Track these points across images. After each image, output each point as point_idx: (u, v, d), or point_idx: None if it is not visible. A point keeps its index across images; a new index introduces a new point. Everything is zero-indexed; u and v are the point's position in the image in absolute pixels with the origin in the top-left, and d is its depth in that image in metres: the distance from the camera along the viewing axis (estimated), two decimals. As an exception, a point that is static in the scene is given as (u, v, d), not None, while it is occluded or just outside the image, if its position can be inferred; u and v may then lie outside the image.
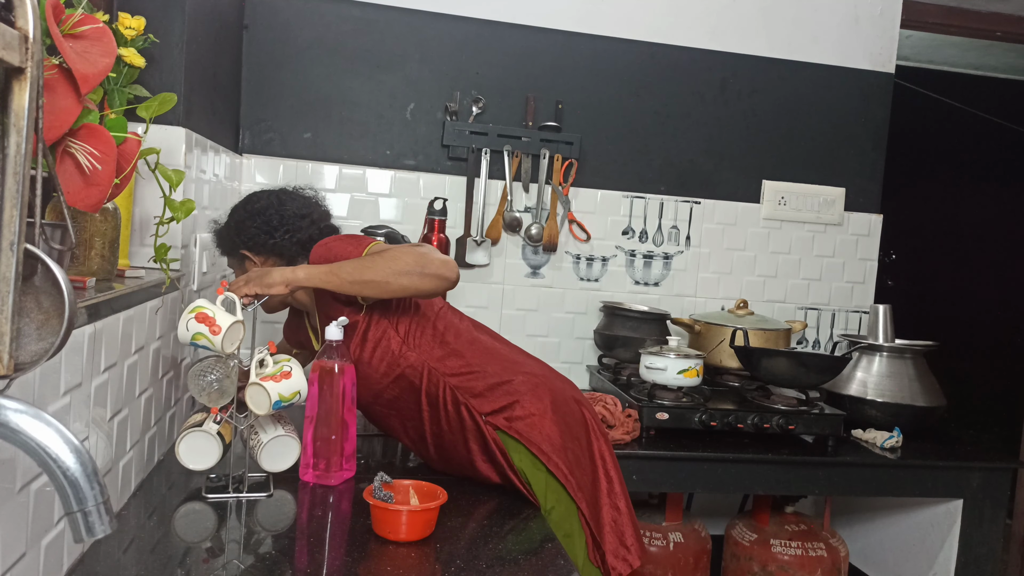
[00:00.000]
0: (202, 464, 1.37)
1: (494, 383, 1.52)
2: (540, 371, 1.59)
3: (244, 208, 1.63)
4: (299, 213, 1.61)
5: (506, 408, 1.50)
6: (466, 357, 1.54)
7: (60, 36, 0.91)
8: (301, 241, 1.60)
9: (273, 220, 1.59)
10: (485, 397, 1.51)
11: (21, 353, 0.69)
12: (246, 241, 1.60)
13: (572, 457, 1.50)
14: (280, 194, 1.64)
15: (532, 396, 1.51)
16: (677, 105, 2.63)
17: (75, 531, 0.65)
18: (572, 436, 1.53)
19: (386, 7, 2.42)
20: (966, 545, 2.16)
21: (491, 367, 1.54)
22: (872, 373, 2.35)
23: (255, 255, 1.61)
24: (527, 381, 1.53)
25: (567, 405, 1.56)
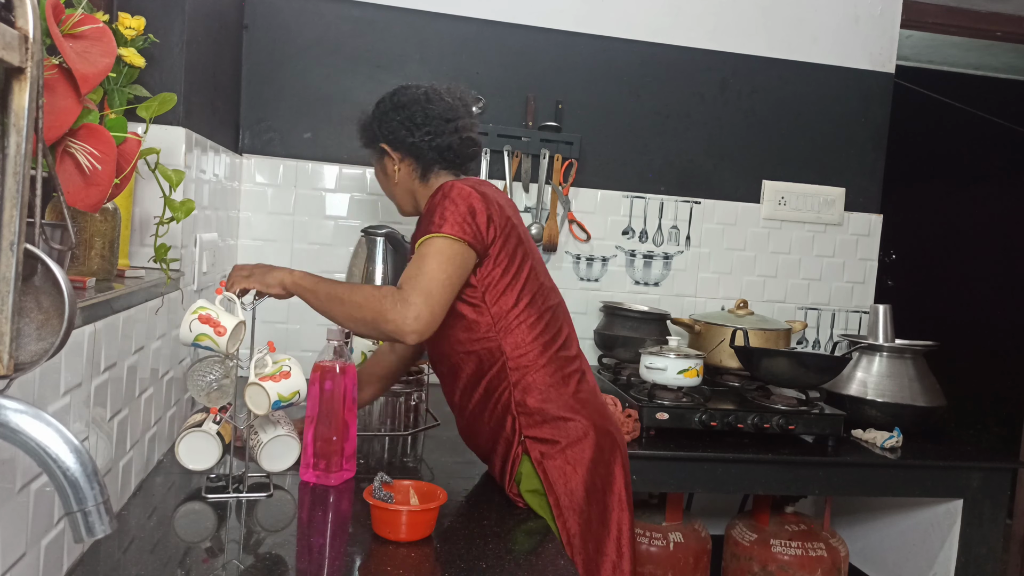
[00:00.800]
0: (202, 464, 1.37)
1: (554, 415, 1.44)
2: (598, 420, 1.48)
3: (390, 100, 1.57)
4: (444, 116, 1.53)
5: (548, 443, 1.43)
6: (548, 372, 1.45)
7: (60, 36, 0.91)
8: (440, 147, 1.53)
9: (417, 117, 1.53)
10: (537, 421, 1.44)
11: (21, 353, 0.69)
12: (387, 134, 1.56)
13: (584, 521, 1.41)
14: (429, 92, 1.56)
15: (577, 447, 1.43)
16: (677, 105, 2.63)
17: (75, 531, 0.65)
18: (596, 500, 1.44)
19: (386, 7, 2.42)
20: (966, 545, 2.16)
21: (562, 394, 1.46)
22: (872, 373, 2.35)
23: (394, 150, 1.56)
24: (580, 428, 1.44)
25: (607, 467, 1.46)
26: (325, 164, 2.41)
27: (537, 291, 1.48)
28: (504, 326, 1.44)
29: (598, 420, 1.47)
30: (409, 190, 1.60)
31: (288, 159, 2.39)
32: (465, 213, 1.38)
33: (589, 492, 1.42)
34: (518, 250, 1.46)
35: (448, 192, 1.41)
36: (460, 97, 1.59)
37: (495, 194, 1.48)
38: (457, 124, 1.54)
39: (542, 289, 1.50)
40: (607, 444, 1.47)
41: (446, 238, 1.36)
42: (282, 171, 2.39)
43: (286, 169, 2.39)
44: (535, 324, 1.46)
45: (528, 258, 1.48)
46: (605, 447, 1.46)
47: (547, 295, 1.51)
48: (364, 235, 2.05)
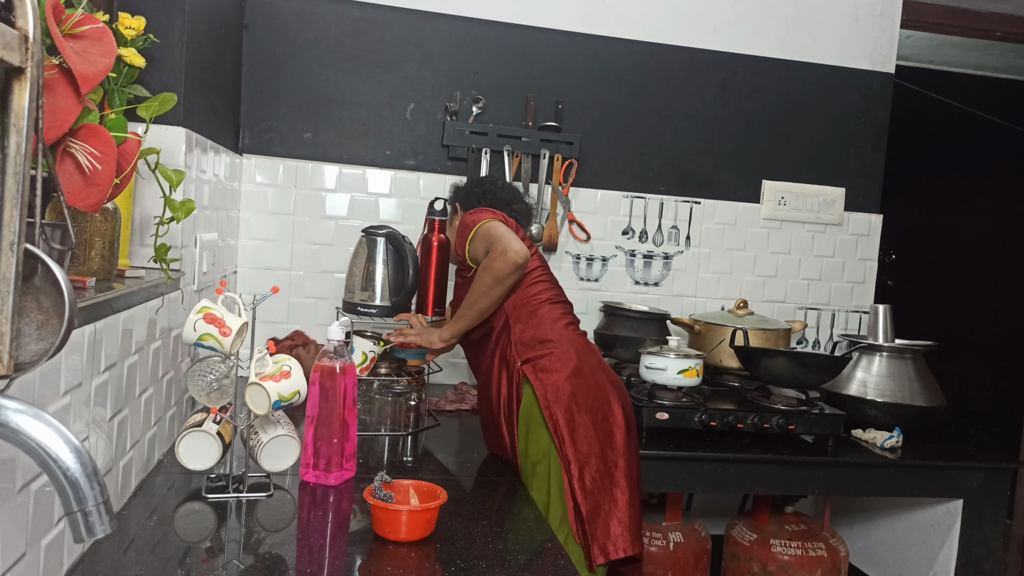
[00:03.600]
0: (202, 464, 1.37)
1: (543, 338, 1.75)
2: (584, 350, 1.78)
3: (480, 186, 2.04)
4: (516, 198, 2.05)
5: (537, 357, 1.73)
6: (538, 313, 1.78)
7: (60, 36, 0.91)
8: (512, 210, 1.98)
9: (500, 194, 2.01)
10: (529, 346, 1.74)
11: (21, 353, 0.69)
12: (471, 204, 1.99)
13: (568, 413, 1.67)
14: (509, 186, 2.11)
15: (562, 358, 1.72)
16: (677, 105, 2.63)
17: (75, 531, 0.65)
18: (587, 407, 1.69)
19: (386, 7, 2.42)
20: (966, 545, 2.16)
21: (550, 325, 1.77)
22: (872, 373, 2.35)
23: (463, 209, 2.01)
24: (566, 349, 1.74)
25: (593, 378, 1.74)
26: (325, 164, 2.41)
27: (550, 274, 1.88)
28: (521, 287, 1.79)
29: (584, 349, 1.78)
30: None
31: (288, 159, 2.39)
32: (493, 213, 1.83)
33: (575, 395, 1.69)
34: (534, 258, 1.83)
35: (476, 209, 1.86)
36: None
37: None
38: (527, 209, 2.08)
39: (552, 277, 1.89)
40: (593, 362, 1.77)
41: (488, 222, 1.78)
42: (282, 171, 2.39)
43: (286, 169, 2.39)
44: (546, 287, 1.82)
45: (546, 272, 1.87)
46: (591, 363, 1.76)
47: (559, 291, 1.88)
48: (364, 235, 2.05)
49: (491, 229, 1.77)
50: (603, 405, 1.72)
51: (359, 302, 2.00)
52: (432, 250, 2.02)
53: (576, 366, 1.73)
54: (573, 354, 1.74)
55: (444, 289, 2.04)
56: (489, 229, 1.77)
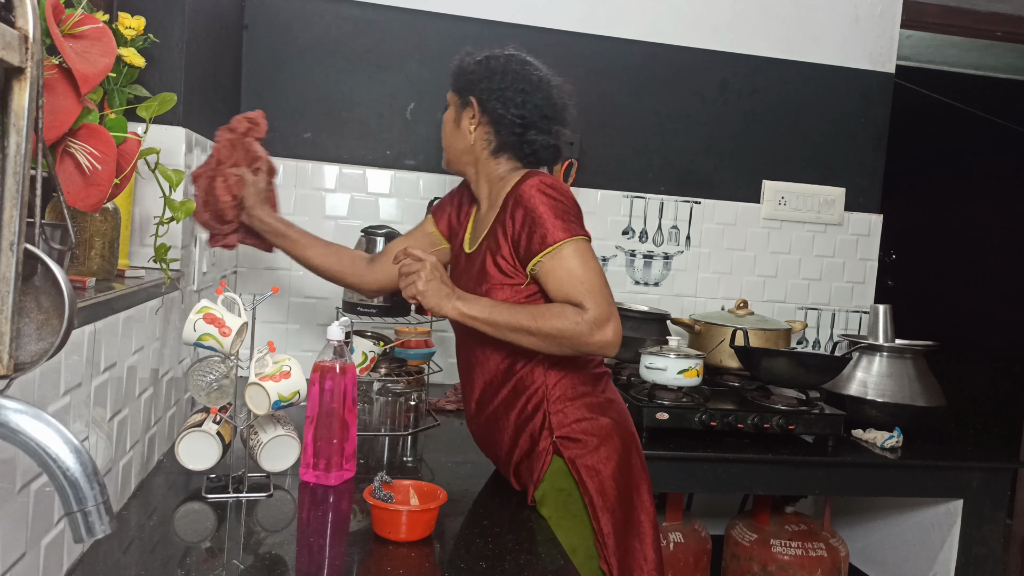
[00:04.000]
0: (202, 464, 1.37)
1: (585, 415, 1.44)
2: (623, 419, 1.50)
3: (506, 62, 1.48)
4: (543, 112, 1.48)
5: (580, 443, 1.43)
6: (577, 370, 1.46)
7: (60, 36, 0.91)
8: (525, 139, 1.48)
9: (518, 97, 1.46)
10: (569, 419, 1.43)
11: (21, 353, 0.69)
12: (482, 93, 1.47)
13: (616, 520, 1.43)
14: (543, 80, 1.50)
15: (607, 445, 1.44)
16: (677, 105, 2.63)
17: (75, 531, 0.65)
18: (624, 499, 1.45)
19: (386, 7, 2.42)
20: (966, 545, 2.16)
21: (592, 392, 1.46)
22: (872, 373, 2.35)
23: (482, 113, 1.48)
24: (608, 427, 1.45)
25: (629, 466, 1.47)
26: (325, 164, 2.41)
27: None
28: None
29: (621, 419, 1.49)
30: (472, 153, 1.52)
31: (288, 159, 2.39)
32: (577, 209, 1.43)
33: (620, 490, 1.44)
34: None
35: (553, 188, 1.40)
36: (565, 101, 1.54)
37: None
38: (551, 126, 1.51)
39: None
40: (630, 442, 1.49)
41: (578, 240, 1.38)
42: (282, 171, 2.39)
43: (286, 169, 2.39)
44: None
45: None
46: (629, 445, 1.48)
47: None
48: (364, 235, 2.05)
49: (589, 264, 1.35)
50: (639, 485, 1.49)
51: (358, 302, 2.00)
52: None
53: (619, 458, 1.44)
54: (615, 443, 1.44)
55: None
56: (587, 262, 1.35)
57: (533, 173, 1.43)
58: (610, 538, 1.41)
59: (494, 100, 1.46)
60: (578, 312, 1.33)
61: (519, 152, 1.50)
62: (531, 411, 1.45)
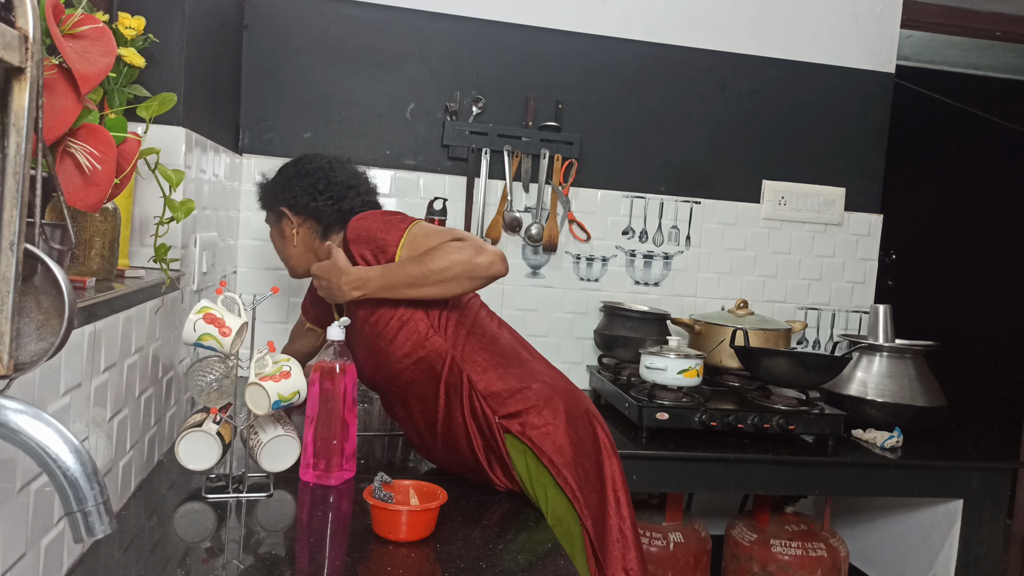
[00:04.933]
0: (202, 464, 1.37)
1: (514, 387, 1.49)
2: (558, 382, 1.55)
3: (294, 167, 1.67)
4: (346, 183, 1.65)
5: (521, 414, 1.47)
6: (489, 353, 1.51)
7: (60, 36, 0.91)
8: (343, 210, 1.63)
9: (320, 184, 1.63)
10: (502, 398, 1.48)
11: (21, 353, 0.69)
12: (288, 199, 1.65)
13: (582, 473, 1.46)
14: (332, 161, 1.68)
15: (548, 406, 1.48)
16: (677, 105, 2.63)
17: (75, 531, 0.65)
18: (584, 452, 1.49)
19: (386, 7, 2.42)
20: (966, 545, 2.16)
21: (512, 369, 1.52)
22: (872, 373, 2.35)
23: (294, 215, 1.66)
24: (543, 390, 1.50)
25: (581, 419, 1.52)
26: (325, 164, 2.41)
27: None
28: (440, 323, 1.50)
29: (553, 380, 1.54)
30: (309, 249, 1.69)
31: (288, 159, 2.38)
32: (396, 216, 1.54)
33: (575, 446, 1.47)
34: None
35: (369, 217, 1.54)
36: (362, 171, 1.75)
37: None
38: (359, 189, 1.68)
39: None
40: (572, 398, 1.53)
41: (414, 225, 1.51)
42: (282, 171, 2.39)
43: (286, 169, 2.39)
44: (462, 315, 1.53)
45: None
46: (571, 401, 1.52)
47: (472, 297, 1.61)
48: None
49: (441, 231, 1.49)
50: (594, 448, 1.52)
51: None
52: None
53: (567, 412, 1.49)
54: (557, 397, 1.50)
55: None
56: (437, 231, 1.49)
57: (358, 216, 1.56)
58: (580, 492, 1.44)
59: (302, 199, 1.64)
60: (458, 246, 1.43)
61: (345, 218, 1.62)
62: (469, 407, 1.48)
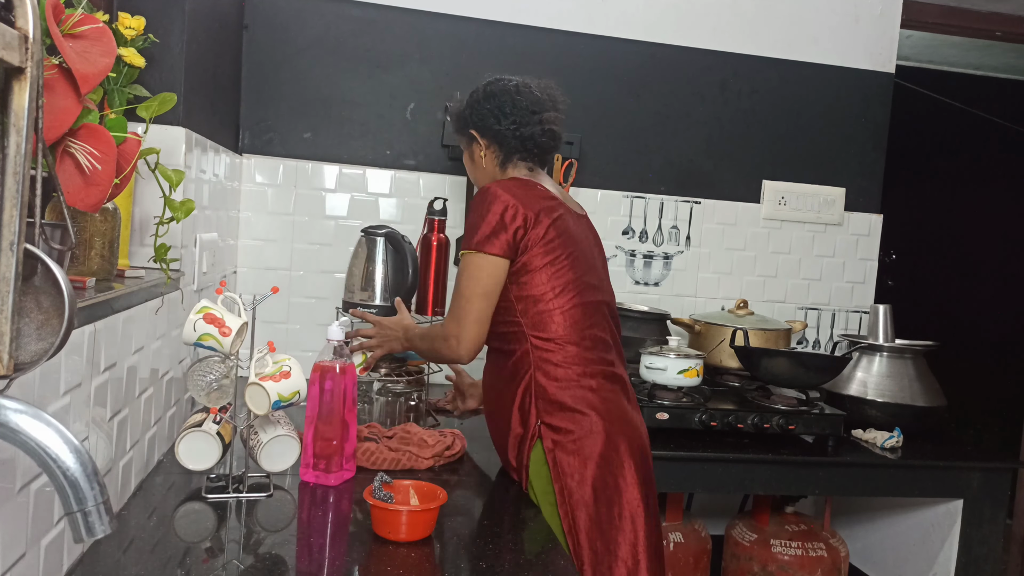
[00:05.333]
0: (202, 464, 1.37)
1: (568, 406, 1.49)
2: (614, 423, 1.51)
3: (483, 89, 1.68)
4: (530, 108, 1.63)
5: (562, 431, 1.48)
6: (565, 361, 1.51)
7: (60, 36, 0.91)
8: (522, 136, 1.62)
9: (505, 107, 1.63)
10: (552, 407, 1.49)
11: (21, 353, 0.69)
12: (476, 121, 1.66)
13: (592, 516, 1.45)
14: (520, 84, 1.67)
15: (589, 440, 1.47)
16: (677, 105, 2.63)
17: (75, 531, 0.65)
18: (606, 498, 1.47)
19: (386, 7, 2.42)
20: (966, 545, 2.16)
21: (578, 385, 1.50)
22: (872, 373, 2.35)
23: (481, 137, 1.67)
24: (592, 424, 1.48)
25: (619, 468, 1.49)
26: (325, 164, 2.41)
27: (570, 283, 1.53)
28: (534, 312, 1.52)
29: (614, 422, 1.50)
30: (491, 176, 1.68)
31: (288, 159, 2.39)
32: (497, 224, 1.49)
33: (598, 489, 1.45)
34: (554, 245, 1.53)
35: (485, 197, 1.53)
36: (549, 93, 1.68)
37: (536, 194, 1.56)
38: (542, 116, 1.63)
39: (576, 283, 1.54)
40: (621, 446, 1.49)
41: (481, 255, 1.50)
42: (282, 171, 2.39)
43: (286, 169, 2.39)
44: (566, 315, 1.52)
45: (565, 253, 1.54)
46: (619, 448, 1.49)
47: (582, 290, 1.55)
48: (364, 235, 2.05)
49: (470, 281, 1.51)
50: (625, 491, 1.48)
51: (359, 302, 2.00)
52: (432, 250, 2.03)
53: (603, 452, 1.47)
54: (601, 431, 1.48)
55: (444, 288, 2.05)
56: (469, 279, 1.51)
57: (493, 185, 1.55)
58: (582, 534, 1.43)
59: (488, 121, 1.64)
60: (439, 332, 1.58)
61: (524, 152, 1.65)
62: (522, 395, 1.52)
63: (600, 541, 1.44)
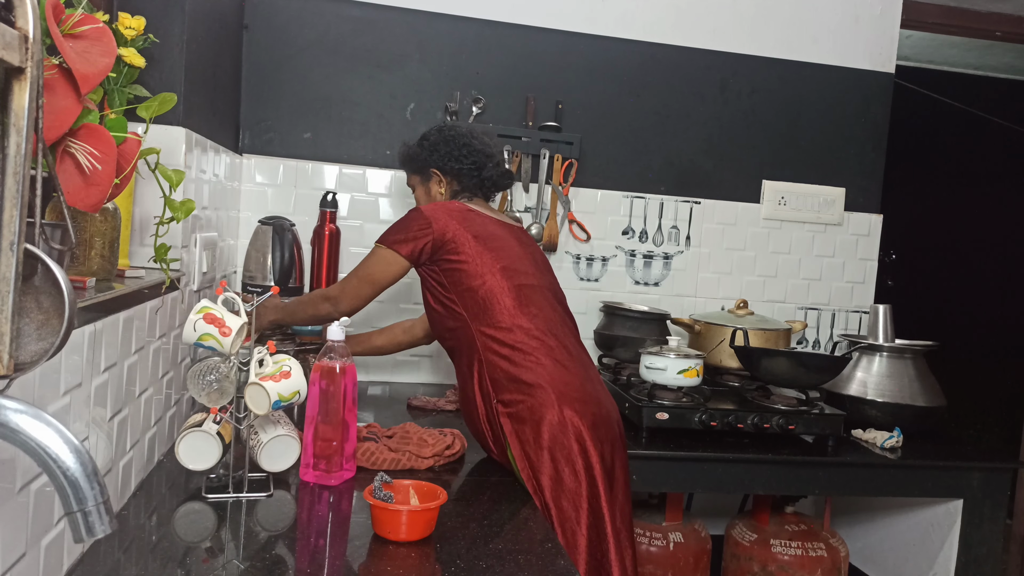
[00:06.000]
0: (202, 464, 1.37)
1: (516, 376, 1.61)
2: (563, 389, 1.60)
3: (439, 133, 1.90)
4: (485, 152, 1.87)
5: (514, 403, 1.60)
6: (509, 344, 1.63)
7: (60, 36, 0.91)
8: (483, 177, 1.87)
9: (463, 150, 1.86)
10: (503, 386, 1.62)
11: (21, 353, 0.69)
12: (437, 161, 1.88)
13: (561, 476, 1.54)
14: (472, 131, 1.91)
15: (540, 401, 1.58)
16: (677, 105, 2.63)
17: (75, 531, 0.65)
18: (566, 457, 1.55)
19: (386, 7, 2.42)
20: (966, 545, 2.16)
21: (524, 362, 1.62)
22: (872, 373, 2.35)
23: (444, 175, 1.89)
24: (543, 395, 1.58)
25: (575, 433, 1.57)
26: (325, 164, 2.41)
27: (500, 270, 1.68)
28: (472, 303, 1.66)
29: (561, 388, 1.60)
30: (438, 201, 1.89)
31: (288, 159, 2.39)
32: (411, 231, 1.69)
33: (554, 451, 1.55)
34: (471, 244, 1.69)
35: (413, 211, 1.73)
36: (494, 140, 1.96)
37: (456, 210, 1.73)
38: (496, 160, 1.90)
39: (506, 271, 1.68)
40: (570, 411, 1.58)
41: (387, 249, 1.71)
42: (282, 171, 2.39)
43: (286, 169, 2.39)
44: (506, 302, 1.66)
45: (490, 248, 1.69)
46: (567, 414, 1.58)
47: (512, 275, 1.69)
48: (259, 224, 2.20)
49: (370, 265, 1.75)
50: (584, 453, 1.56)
51: (252, 282, 2.18)
52: (325, 239, 2.26)
53: (552, 418, 1.56)
54: (552, 396, 1.57)
55: (335, 273, 2.28)
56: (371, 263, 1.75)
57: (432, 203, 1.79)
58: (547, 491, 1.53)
59: (449, 162, 1.87)
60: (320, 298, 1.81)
61: (483, 190, 1.89)
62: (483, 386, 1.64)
63: (565, 500, 1.53)
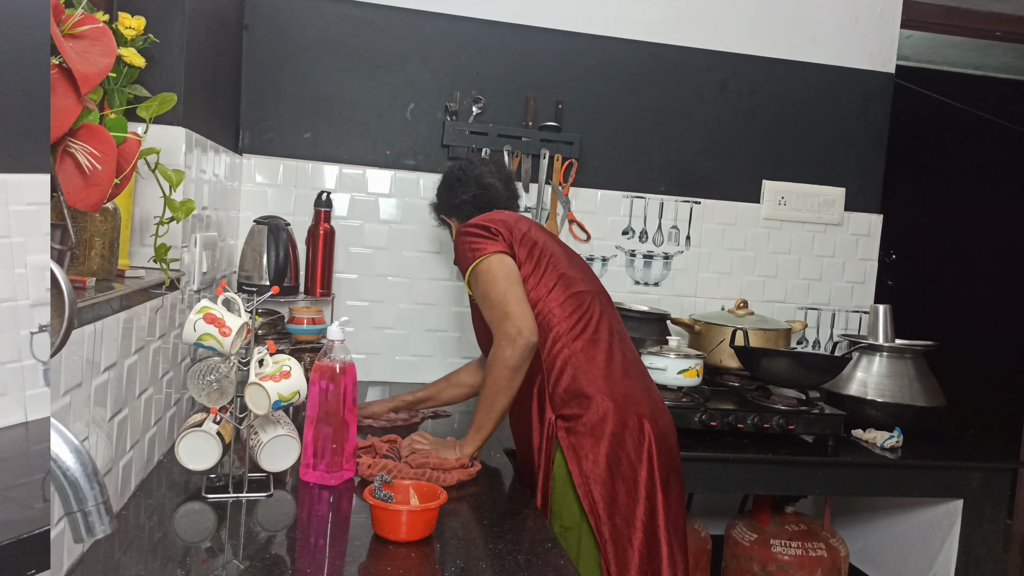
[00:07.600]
0: (202, 464, 1.37)
1: (578, 392, 1.59)
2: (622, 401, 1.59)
3: (452, 176, 1.93)
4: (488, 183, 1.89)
5: (573, 418, 1.58)
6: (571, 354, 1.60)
7: (60, 36, 0.91)
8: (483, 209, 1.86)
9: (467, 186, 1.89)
10: (563, 399, 1.59)
11: (21, 353, 0.69)
12: (450, 211, 1.93)
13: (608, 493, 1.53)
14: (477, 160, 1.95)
15: (600, 421, 1.56)
16: (677, 105, 2.63)
17: (75, 531, 0.65)
18: (622, 475, 1.55)
19: (386, 7, 2.42)
20: (966, 545, 2.16)
21: (584, 372, 1.60)
22: (872, 373, 2.35)
23: (455, 219, 1.93)
24: (602, 405, 1.57)
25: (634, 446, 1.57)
26: (325, 164, 2.41)
27: (559, 281, 1.66)
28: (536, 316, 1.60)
29: (622, 400, 1.58)
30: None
31: (288, 159, 2.39)
32: (485, 233, 1.64)
33: (612, 466, 1.54)
34: (534, 250, 1.67)
35: (463, 227, 1.69)
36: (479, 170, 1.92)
37: (503, 216, 1.71)
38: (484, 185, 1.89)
39: (564, 278, 1.66)
40: (631, 423, 1.57)
41: (486, 259, 1.61)
42: (282, 171, 2.39)
43: (286, 169, 2.39)
44: (564, 312, 1.63)
45: (546, 254, 1.67)
46: (629, 425, 1.57)
47: (570, 283, 1.67)
48: (255, 223, 2.17)
49: (492, 284, 1.58)
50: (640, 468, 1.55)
51: (250, 282, 2.15)
52: (319, 238, 2.23)
53: (614, 430, 1.55)
54: (612, 409, 1.56)
55: (330, 272, 2.26)
56: (490, 282, 1.58)
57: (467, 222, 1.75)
58: (600, 507, 1.52)
59: (456, 207, 1.90)
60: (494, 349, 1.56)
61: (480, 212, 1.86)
62: (541, 403, 1.62)
63: (618, 516, 1.52)
